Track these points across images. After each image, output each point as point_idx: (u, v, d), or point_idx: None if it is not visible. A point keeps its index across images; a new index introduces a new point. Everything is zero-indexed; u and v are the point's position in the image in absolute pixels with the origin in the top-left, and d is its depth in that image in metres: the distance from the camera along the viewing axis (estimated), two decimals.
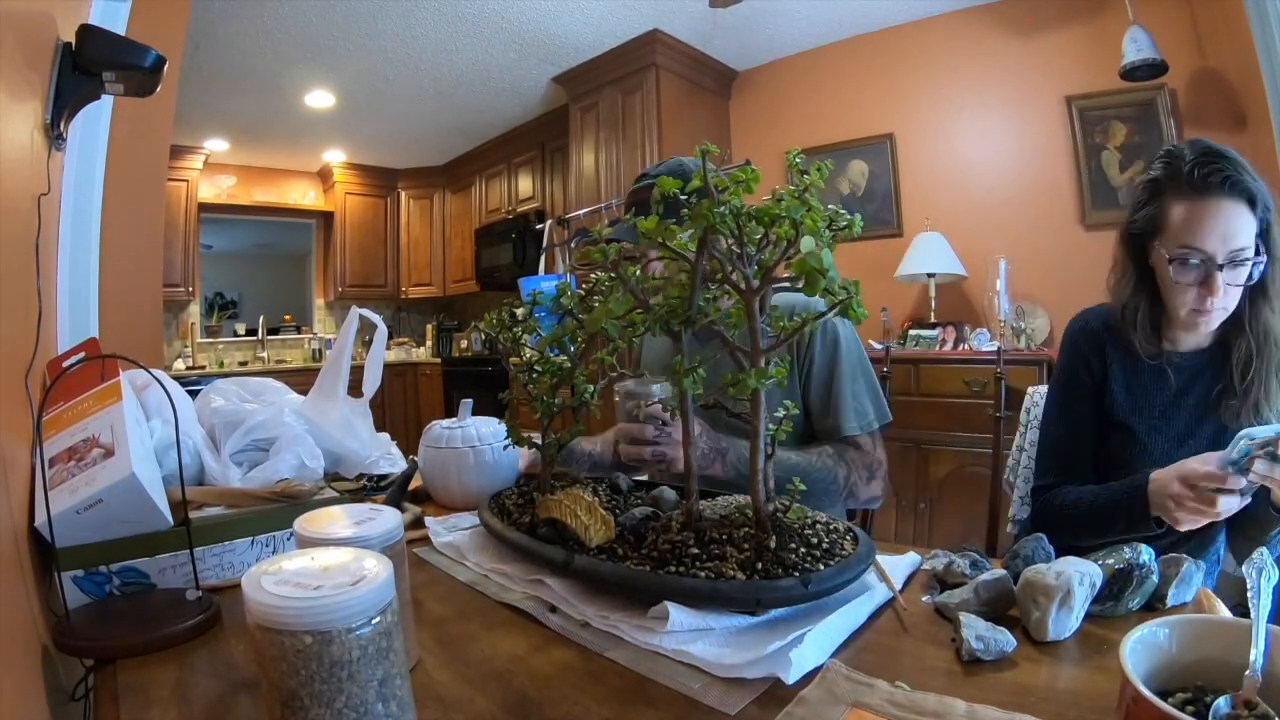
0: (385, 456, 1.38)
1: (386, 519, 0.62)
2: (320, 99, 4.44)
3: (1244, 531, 1.06)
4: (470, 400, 1.34)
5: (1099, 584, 0.68)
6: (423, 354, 6.33)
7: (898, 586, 0.78)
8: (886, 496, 1.27)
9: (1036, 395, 1.56)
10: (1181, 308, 1.06)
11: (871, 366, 1.28)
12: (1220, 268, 1.00)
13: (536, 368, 1.02)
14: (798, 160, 0.72)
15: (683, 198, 0.71)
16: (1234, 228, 0.99)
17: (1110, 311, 1.18)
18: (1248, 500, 0.86)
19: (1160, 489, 0.94)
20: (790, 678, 0.58)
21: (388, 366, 5.44)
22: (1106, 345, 1.17)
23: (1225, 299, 1.02)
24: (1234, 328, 1.07)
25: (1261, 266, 1.01)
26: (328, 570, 0.47)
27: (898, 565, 0.83)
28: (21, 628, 0.66)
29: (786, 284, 0.70)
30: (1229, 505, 0.85)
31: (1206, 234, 1.00)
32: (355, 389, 1.36)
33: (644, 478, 1.18)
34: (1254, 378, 1.05)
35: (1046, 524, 1.16)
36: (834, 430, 1.22)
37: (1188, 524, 0.90)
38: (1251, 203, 0.99)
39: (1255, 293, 1.04)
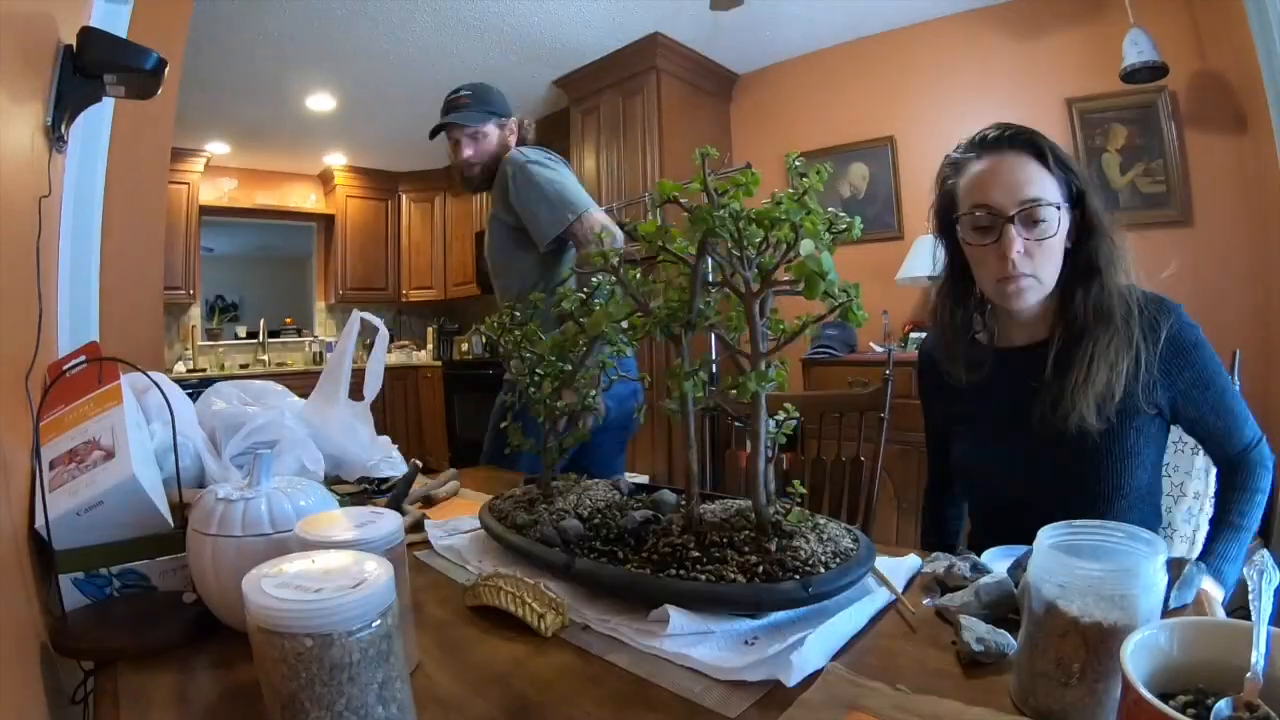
0: (386, 460, 1.38)
1: (387, 522, 0.62)
2: (321, 102, 4.45)
3: None
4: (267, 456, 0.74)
5: None
6: (424, 357, 6.32)
7: (899, 589, 0.78)
8: None
9: None
10: (989, 281, 1.01)
11: None
12: (1011, 220, 0.95)
13: (538, 371, 1.02)
14: (797, 163, 0.72)
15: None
16: (1020, 178, 0.96)
17: (931, 332, 1.18)
18: None
19: None
20: (791, 680, 0.58)
21: (388, 370, 5.44)
22: (935, 366, 1.19)
23: (1033, 264, 0.97)
24: (1062, 312, 1.02)
25: (1061, 222, 0.97)
26: (328, 573, 0.47)
27: (898, 568, 0.83)
28: (21, 630, 0.65)
29: (787, 287, 0.70)
30: None
31: (991, 187, 0.97)
32: (356, 392, 1.36)
33: (644, 479, 1.17)
34: (1076, 361, 0.97)
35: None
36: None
37: None
38: (1040, 156, 0.96)
39: (1082, 270, 0.99)
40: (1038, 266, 0.98)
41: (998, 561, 0.81)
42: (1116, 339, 0.97)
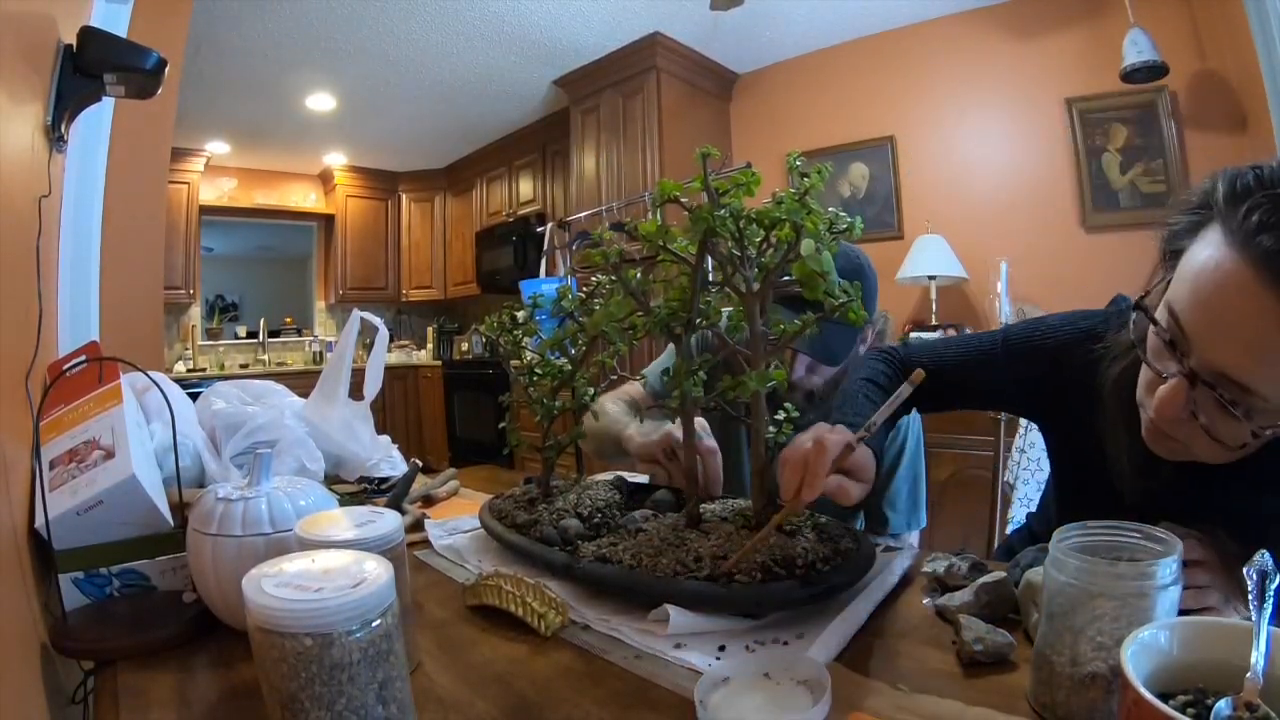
0: (386, 459, 1.39)
1: (387, 521, 0.62)
2: (321, 102, 4.45)
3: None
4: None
5: None
6: (423, 357, 6.33)
7: (894, 579, 0.78)
8: None
9: None
10: (1142, 408, 0.68)
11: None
12: (1206, 384, 0.58)
13: (537, 370, 1.02)
14: (798, 163, 0.72)
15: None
16: (1266, 342, 0.54)
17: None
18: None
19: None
20: None
21: (388, 369, 5.44)
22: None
23: (1199, 444, 0.63)
24: None
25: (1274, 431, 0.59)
26: (328, 573, 0.47)
27: (897, 564, 0.83)
28: (21, 630, 0.66)
29: (787, 288, 0.70)
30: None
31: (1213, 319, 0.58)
32: (356, 392, 1.36)
33: (644, 480, 1.17)
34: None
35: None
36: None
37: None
38: None
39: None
40: (1207, 449, 0.64)
41: None
42: None
